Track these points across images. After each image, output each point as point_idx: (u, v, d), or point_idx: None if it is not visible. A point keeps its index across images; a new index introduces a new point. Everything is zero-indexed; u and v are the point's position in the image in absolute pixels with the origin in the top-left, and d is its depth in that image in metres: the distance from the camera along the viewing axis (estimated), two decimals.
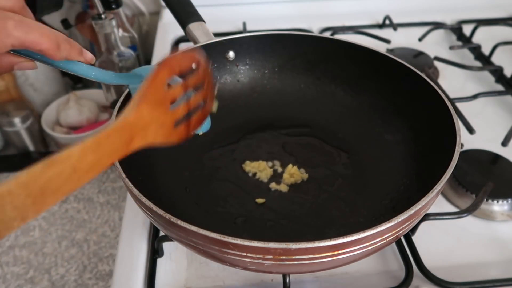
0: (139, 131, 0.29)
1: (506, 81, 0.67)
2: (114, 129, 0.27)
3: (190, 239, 0.31)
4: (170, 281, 0.41)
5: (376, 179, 0.46)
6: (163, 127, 0.32)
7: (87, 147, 0.24)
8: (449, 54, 0.74)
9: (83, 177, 0.24)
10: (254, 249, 0.29)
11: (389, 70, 0.50)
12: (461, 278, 0.40)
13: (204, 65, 0.36)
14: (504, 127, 0.53)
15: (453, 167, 0.35)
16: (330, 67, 0.55)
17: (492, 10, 0.84)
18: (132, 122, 0.29)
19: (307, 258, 0.30)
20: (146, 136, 0.30)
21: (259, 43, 0.56)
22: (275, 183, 0.47)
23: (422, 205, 0.32)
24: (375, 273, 0.42)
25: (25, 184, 0.20)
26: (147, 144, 0.30)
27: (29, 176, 0.21)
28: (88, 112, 0.83)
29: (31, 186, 0.21)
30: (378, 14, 0.83)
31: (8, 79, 0.74)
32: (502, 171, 0.50)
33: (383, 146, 0.49)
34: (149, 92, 0.30)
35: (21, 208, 0.20)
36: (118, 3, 0.76)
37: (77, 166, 0.23)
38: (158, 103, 0.31)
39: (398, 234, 0.33)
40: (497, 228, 0.46)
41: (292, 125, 0.54)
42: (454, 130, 0.39)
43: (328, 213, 0.43)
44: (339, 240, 0.29)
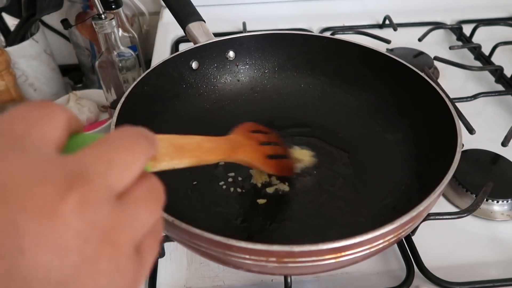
0: (240, 145, 0.38)
1: (506, 81, 0.67)
2: (223, 138, 0.36)
3: (193, 241, 0.31)
4: (170, 281, 0.41)
5: (377, 178, 0.46)
6: (257, 153, 0.40)
7: (205, 139, 0.32)
8: (449, 54, 0.74)
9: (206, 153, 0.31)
10: (258, 252, 0.29)
11: (389, 70, 0.50)
12: (461, 278, 0.40)
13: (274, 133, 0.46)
14: (504, 127, 0.53)
15: (455, 168, 0.35)
16: (331, 66, 0.55)
17: (492, 10, 0.84)
18: (232, 138, 0.38)
19: (310, 260, 0.30)
20: (246, 152, 0.38)
21: (260, 42, 0.56)
22: (278, 180, 0.46)
23: (425, 207, 0.32)
24: (375, 273, 0.42)
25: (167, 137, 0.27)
26: (249, 160, 0.38)
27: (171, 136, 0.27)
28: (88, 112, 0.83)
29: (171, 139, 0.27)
30: (378, 14, 0.83)
31: (8, 79, 0.74)
32: (502, 171, 0.50)
33: (383, 145, 0.49)
34: (238, 131, 0.41)
35: (167, 148, 0.26)
36: (118, 3, 0.76)
37: (200, 144, 0.31)
38: (248, 137, 0.41)
39: (400, 235, 0.33)
40: (497, 228, 0.46)
41: (292, 125, 0.54)
42: (455, 130, 0.39)
43: (329, 213, 0.43)
44: (342, 242, 0.29)
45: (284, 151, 0.45)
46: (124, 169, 0.18)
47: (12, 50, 0.75)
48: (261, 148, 0.41)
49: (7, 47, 0.75)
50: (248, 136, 0.41)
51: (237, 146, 0.37)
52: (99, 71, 0.68)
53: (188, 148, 0.29)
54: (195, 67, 0.53)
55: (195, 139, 0.31)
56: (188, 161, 0.28)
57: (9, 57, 0.74)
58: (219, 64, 0.55)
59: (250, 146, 0.40)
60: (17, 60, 0.77)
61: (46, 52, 0.82)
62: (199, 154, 0.30)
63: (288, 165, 0.45)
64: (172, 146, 0.27)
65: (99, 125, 0.82)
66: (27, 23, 0.74)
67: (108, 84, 0.70)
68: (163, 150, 0.25)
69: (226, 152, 0.35)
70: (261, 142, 0.42)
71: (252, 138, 0.41)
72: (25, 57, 0.78)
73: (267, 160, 0.41)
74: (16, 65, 0.78)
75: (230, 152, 0.36)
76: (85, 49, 0.88)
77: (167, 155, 0.26)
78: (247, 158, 0.38)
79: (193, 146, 0.30)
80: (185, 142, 0.29)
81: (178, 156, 0.27)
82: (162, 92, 0.50)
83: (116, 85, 0.70)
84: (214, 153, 0.33)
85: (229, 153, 0.36)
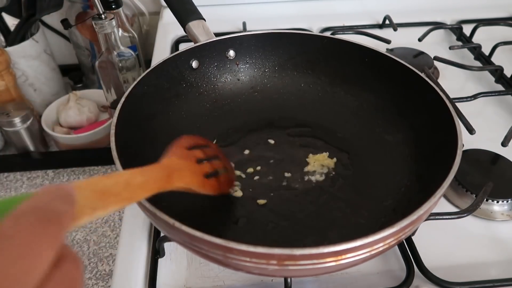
0: (175, 171, 0.35)
1: (506, 81, 0.67)
2: (154, 166, 0.33)
3: (193, 243, 0.31)
4: (170, 281, 0.41)
5: (377, 179, 0.46)
6: (195, 174, 0.38)
7: (135, 172, 0.30)
8: (449, 54, 0.74)
9: (137, 192, 0.29)
10: (259, 255, 0.29)
11: (389, 70, 0.50)
12: (461, 278, 0.40)
13: (213, 145, 0.45)
14: (504, 127, 0.53)
15: (455, 171, 0.35)
16: (331, 66, 0.55)
17: (492, 10, 0.84)
18: (166, 164, 0.35)
19: (310, 263, 0.30)
20: (182, 176, 0.35)
21: (260, 42, 0.56)
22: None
23: (425, 210, 0.32)
24: (375, 273, 0.42)
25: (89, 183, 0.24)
26: (185, 185, 0.35)
27: (91, 180, 0.25)
28: (88, 112, 0.83)
29: (92, 186, 0.25)
30: (378, 14, 0.83)
31: (8, 79, 0.74)
32: (502, 171, 0.50)
33: (383, 146, 0.49)
34: (173, 150, 0.37)
35: (89, 199, 0.23)
36: (118, 3, 0.76)
37: (129, 181, 0.28)
38: (183, 157, 0.38)
39: (400, 238, 0.33)
40: (497, 228, 0.46)
41: (292, 124, 0.54)
42: (455, 130, 0.39)
43: (329, 214, 0.43)
44: (343, 246, 0.29)
45: (224, 164, 0.43)
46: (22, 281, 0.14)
47: (12, 50, 0.75)
48: (199, 168, 0.39)
49: (7, 47, 0.75)
50: (183, 155, 0.38)
51: (172, 172, 0.34)
52: (99, 71, 0.68)
53: (114, 191, 0.26)
54: (195, 66, 0.53)
55: (123, 176, 0.28)
56: (114, 207, 0.25)
57: (9, 57, 0.74)
58: (219, 63, 0.55)
59: (187, 168, 0.37)
60: (17, 60, 0.77)
61: (46, 52, 0.82)
62: (128, 195, 0.27)
63: (226, 181, 0.43)
64: (94, 194, 0.24)
65: (99, 125, 0.82)
66: (27, 23, 0.74)
67: (108, 84, 0.70)
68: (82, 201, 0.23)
69: (160, 182, 0.32)
70: (198, 159, 0.40)
71: (188, 158, 0.38)
72: (25, 57, 0.78)
73: (206, 181, 0.39)
74: (16, 65, 0.78)
75: (164, 181, 0.33)
76: (85, 49, 0.88)
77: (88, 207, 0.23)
78: (184, 183, 0.35)
79: (121, 186, 0.27)
80: (110, 184, 0.26)
81: (102, 204, 0.24)
82: (162, 91, 0.50)
83: (116, 85, 0.70)
84: (146, 188, 0.30)
85: (164, 183, 0.33)
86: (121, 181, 0.27)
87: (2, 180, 0.76)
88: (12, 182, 0.76)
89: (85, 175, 0.77)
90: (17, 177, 0.77)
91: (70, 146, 0.80)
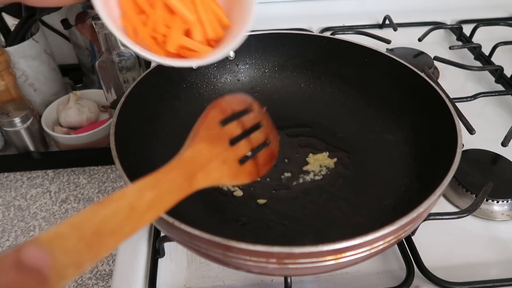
0: (199, 168, 0.28)
1: (506, 81, 0.67)
2: (172, 166, 0.26)
3: (193, 242, 0.31)
4: (170, 281, 0.41)
5: (377, 179, 0.46)
6: (226, 164, 0.30)
7: (144, 184, 0.23)
8: (449, 54, 0.74)
9: (144, 217, 0.22)
10: (258, 253, 0.29)
11: (389, 69, 0.50)
12: (461, 278, 0.40)
13: (257, 108, 0.36)
14: (504, 127, 0.53)
15: (455, 170, 0.35)
16: (330, 66, 0.55)
17: (492, 10, 0.84)
18: (189, 157, 0.27)
19: (310, 261, 0.30)
20: (209, 173, 0.28)
21: (260, 42, 0.56)
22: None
23: (425, 208, 0.32)
24: (375, 272, 0.42)
25: (76, 226, 0.18)
26: (213, 182, 0.29)
27: (80, 217, 0.18)
28: (88, 112, 0.83)
29: (83, 227, 0.18)
30: (378, 14, 0.83)
31: (8, 79, 0.74)
32: (502, 171, 0.50)
33: (383, 146, 0.49)
34: (202, 130, 0.30)
35: (73, 253, 0.17)
36: None
37: (134, 204, 0.21)
38: (213, 140, 0.30)
39: (400, 236, 0.33)
40: (497, 228, 0.46)
41: (292, 124, 0.54)
42: (455, 130, 0.39)
43: (329, 213, 0.43)
44: (343, 244, 0.29)
45: (267, 133, 0.36)
46: None
47: (12, 50, 0.75)
48: (232, 153, 0.31)
49: (7, 47, 0.75)
50: (213, 138, 0.30)
51: (195, 172, 0.27)
52: (99, 71, 0.68)
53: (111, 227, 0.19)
54: (194, 66, 0.53)
55: (126, 198, 0.20)
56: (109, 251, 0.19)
57: (9, 57, 0.74)
58: (219, 64, 0.55)
59: (216, 159, 0.29)
60: (17, 60, 0.77)
61: (46, 52, 0.82)
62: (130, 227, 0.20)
63: (266, 160, 0.36)
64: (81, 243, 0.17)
65: (99, 125, 0.82)
66: (27, 23, 0.74)
67: (108, 84, 0.70)
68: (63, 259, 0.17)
69: (178, 192, 0.25)
70: (233, 138, 0.32)
71: (220, 139, 0.31)
72: (25, 57, 0.78)
73: (240, 170, 0.32)
74: (16, 65, 0.78)
75: (185, 188, 0.25)
76: (85, 49, 0.88)
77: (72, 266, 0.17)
78: (211, 182, 0.28)
79: (122, 216, 0.20)
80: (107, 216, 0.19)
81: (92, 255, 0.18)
82: (162, 92, 0.50)
83: (116, 85, 0.70)
84: (159, 206, 0.22)
85: (184, 191, 0.25)
86: (123, 208, 0.20)
87: (2, 180, 0.76)
88: (12, 182, 0.76)
89: (85, 175, 0.77)
90: (17, 177, 0.77)
91: (70, 146, 0.80)
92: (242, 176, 0.32)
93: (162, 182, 0.24)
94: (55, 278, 0.16)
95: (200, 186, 0.28)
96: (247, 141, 0.34)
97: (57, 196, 0.73)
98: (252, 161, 0.34)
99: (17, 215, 0.69)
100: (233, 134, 0.33)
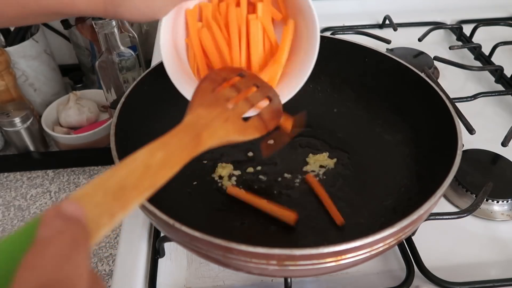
0: (203, 128, 0.29)
1: (506, 81, 0.67)
2: (177, 130, 0.28)
3: (193, 243, 0.31)
4: (170, 281, 0.41)
5: (377, 179, 0.46)
6: (229, 122, 0.32)
7: (154, 146, 0.25)
8: (449, 54, 0.74)
9: (159, 174, 0.24)
10: (258, 255, 0.29)
11: (389, 70, 0.50)
12: (461, 278, 0.40)
13: (248, 71, 0.38)
14: (504, 127, 0.53)
15: (455, 171, 0.35)
16: (331, 66, 0.55)
17: (492, 10, 0.84)
18: (190, 122, 0.30)
19: (310, 263, 0.30)
20: (214, 132, 0.30)
21: None
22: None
23: (425, 210, 0.32)
24: (375, 272, 0.42)
25: (99, 185, 0.20)
26: (220, 139, 0.30)
27: (100, 178, 0.21)
28: (88, 112, 0.83)
29: (105, 185, 0.21)
30: (378, 14, 0.83)
31: (8, 79, 0.74)
32: (502, 171, 0.50)
33: (383, 146, 0.49)
34: (196, 100, 0.32)
35: (103, 204, 0.20)
36: None
37: (148, 163, 0.23)
38: (210, 104, 0.32)
39: (400, 238, 0.33)
40: (497, 228, 0.46)
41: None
42: (455, 131, 0.39)
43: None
44: (343, 246, 0.29)
45: (265, 92, 0.37)
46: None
47: (12, 50, 0.76)
48: (233, 113, 0.32)
49: (7, 47, 0.75)
50: (210, 103, 0.32)
51: (200, 131, 0.29)
52: (99, 71, 0.68)
53: (131, 182, 0.21)
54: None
55: (138, 159, 0.23)
56: (137, 202, 0.21)
57: (9, 57, 0.74)
58: None
59: (218, 119, 0.31)
60: (17, 60, 0.77)
61: (46, 52, 0.82)
62: (149, 182, 0.23)
63: (272, 114, 0.36)
64: (108, 196, 0.20)
65: (99, 125, 0.82)
66: None
67: (108, 84, 0.70)
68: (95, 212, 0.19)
69: (187, 150, 0.27)
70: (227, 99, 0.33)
71: (217, 103, 0.32)
72: (25, 57, 0.78)
73: (246, 125, 0.33)
74: (16, 65, 0.78)
75: (193, 146, 0.27)
76: (85, 49, 0.88)
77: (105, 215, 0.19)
78: (219, 139, 0.30)
79: (138, 174, 0.22)
80: (125, 175, 0.22)
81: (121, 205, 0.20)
82: (162, 92, 0.50)
83: (116, 85, 0.70)
84: (171, 164, 0.25)
85: (192, 149, 0.27)
86: (138, 167, 0.23)
87: (2, 180, 0.76)
88: (12, 182, 0.76)
89: (85, 175, 0.77)
90: (17, 177, 0.77)
91: (70, 146, 0.80)
92: (250, 131, 0.33)
93: (169, 143, 0.26)
94: (92, 226, 0.18)
95: (208, 145, 0.29)
96: (246, 101, 0.35)
97: (57, 196, 0.73)
98: (257, 117, 0.35)
99: (17, 215, 0.69)
100: (230, 97, 0.34)
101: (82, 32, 0.83)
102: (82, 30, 0.82)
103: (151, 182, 0.23)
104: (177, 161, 0.26)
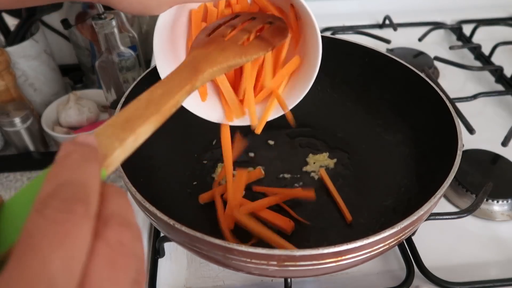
0: (201, 59, 0.30)
1: (506, 81, 0.67)
2: (175, 70, 0.28)
3: (194, 244, 0.31)
4: (170, 281, 0.41)
5: (377, 179, 0.46)
6: (227, 49, 0.32)
7: (154, 86, 0.26)
8: (449, 54, 0.74)
9: (161, 100, 0.26)
10: (259, 256, 0.29)
11: (389, 70, 0.50)
12: (461, 278, 0.40)
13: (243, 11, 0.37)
14: (504, 127, 0.53)
15: (455, 172, 0.35)
16: (330, 66, 0.55)
17: (492, 10, 0.84)
18: (187, 60, 0.30)
19: (310, 264, 0.30)
20: (213, 59, 0.30)
21: None
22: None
23: (425, 210, 0.32)
24: (376, 273, 0.42)
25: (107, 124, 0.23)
26: (220, 64, 0.30)
27: (109, 120, 0.23)
28: (88, 112, 0.83)
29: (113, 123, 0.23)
30: (378, 14, 0.83)
31: (8, 79, 0.74)
32: (502, 171, 0.50)
33: (383, 146, 0.49)
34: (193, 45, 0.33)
35: (113, 135, 0.22)
36: None
37: (149, 98, 0.25)
38: (207, 43, 0.32)
39: (400, 238, 0.33)
40: (497, 228, 0.46)
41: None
42: (455, 131, 0.39)
43: (329, 213, 0.43)
44: (343, 246, 0.29)
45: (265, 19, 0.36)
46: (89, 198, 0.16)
47: (12, 50, 0.75)
48: (229, 42, 0.32)
49: (7, 47, 0.75)
50: (208, 41, 0.32)
51: (198, 62, 0.29)
52: (99, 71, 0.68)
53: (136, 114, 0.24)
54: None
55: (141, 97, 0.25)
56: (145, 128, 0.24)
57: (9, 57, 0.74)
58: None
59: (215, 49, 0.31)
60: (17, 60, 0.77)
61: (46, 52, 0.82)
62: (153, 109, 0.25)
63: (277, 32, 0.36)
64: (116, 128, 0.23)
65: (99, 125, 0.82)
66: (27, 23, 0.74)
67: (108, 84, 0.70)
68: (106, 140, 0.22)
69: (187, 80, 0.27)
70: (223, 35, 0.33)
71: (215, 40, 0.32)
72: (25, 57, 0.78)
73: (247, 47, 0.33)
74: (16, 65, 0.78)
75: (193, 75, 0.28)
76: (85, 49, 0.88)
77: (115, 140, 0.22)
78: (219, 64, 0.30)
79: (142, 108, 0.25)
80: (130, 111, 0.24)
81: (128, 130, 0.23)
82: None
83: (116, 85, 0.70)
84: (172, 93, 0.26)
85: (192, 77, 0.28)
86: (141, 104, 0.25)
87: (2, 180, 0.76)
88: (12, 182, 0.76)
89: None
90: (17, 177, 0.77)
91: None
92: (251, 51, 0.33)
93: (169, 80, 0.27)
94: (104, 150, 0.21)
95: (207, 71, 0.29)
96: (243, 30, 0.34)
97: None
98: (257, 37, 0.34)
99: None
100: (226, 33, 0.34)
101: (82, 32, 0.83)
102: (82, 30, 0.82)
103: (154, 109, 0.25)
104: (178, 92, 0.26)
